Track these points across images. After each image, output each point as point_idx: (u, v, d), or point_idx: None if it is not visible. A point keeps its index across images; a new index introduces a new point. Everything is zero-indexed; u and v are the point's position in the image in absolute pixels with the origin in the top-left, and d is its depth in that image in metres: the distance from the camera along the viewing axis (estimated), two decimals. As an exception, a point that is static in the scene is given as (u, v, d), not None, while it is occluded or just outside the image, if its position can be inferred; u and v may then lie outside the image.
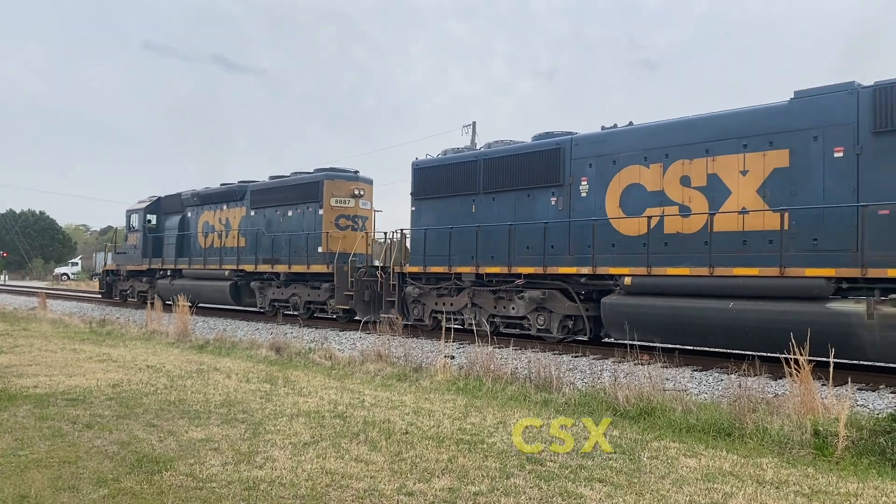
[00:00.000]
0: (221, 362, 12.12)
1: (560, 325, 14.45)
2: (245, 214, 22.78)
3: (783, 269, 10.95)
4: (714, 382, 10.56)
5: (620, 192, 13.45)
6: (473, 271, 15.64)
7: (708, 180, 12.25)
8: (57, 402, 8.23)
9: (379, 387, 9.96)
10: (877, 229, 10.23)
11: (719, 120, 12.32)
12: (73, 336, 16.26)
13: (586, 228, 13.68)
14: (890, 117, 10.31)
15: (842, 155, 10.80)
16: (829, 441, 6.45)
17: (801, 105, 11.30)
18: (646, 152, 13.11)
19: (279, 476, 5.49)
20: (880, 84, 10.53)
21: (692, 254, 12.15)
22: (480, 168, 16.02)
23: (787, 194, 11.33)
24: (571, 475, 5.68)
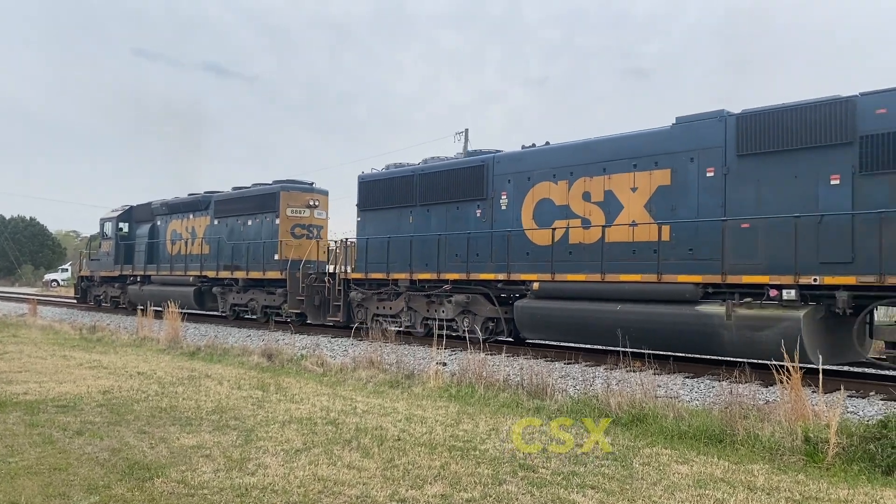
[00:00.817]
0: (213, 369, 12.08)
1: (483, 327, 15.49)
2: (209, 223, 23.97)
3: (660, 275, 12.29)
4: (705, 389, 10.60)
5: (534, 205, 14.79)
6: (408, 277, 16.84)
7: (605, 196, 13.61)
8: (47, 409, 8.19)
9: (371, 393, 9.95)
10: (738, 241, 11.56)
11: (614, 142, 13.67)
12: (64, 342, 16.18)
13: (505, 238, 15.03)
14: (750, 142, 11.66)
15: (713, 174, 12.11)
16: (819, 447, 6.48)
17: (681, 130, 12.63)
18: (554, 170, 14.47)
19: (271, 483, 5.48)
20: (745, 112, 11.85)
21: (591, 262, 13.46)
22: (416, 182, 17.30)
23: (668, 209, 12.63)
24: (564, 482, 5.69)
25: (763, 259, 11.32)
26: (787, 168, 11.30)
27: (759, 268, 11.28)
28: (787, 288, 10.84)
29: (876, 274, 10.08)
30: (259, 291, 21.76)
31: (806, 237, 10.76)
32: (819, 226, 10.75)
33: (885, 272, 10.02)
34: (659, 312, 12.14)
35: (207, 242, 23.69)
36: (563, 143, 14.86)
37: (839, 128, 10.79)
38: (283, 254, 20.68)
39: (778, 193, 11.34)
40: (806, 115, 11.14)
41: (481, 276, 15.32)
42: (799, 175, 11.15)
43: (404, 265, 16.98)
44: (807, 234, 10.77)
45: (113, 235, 28.12)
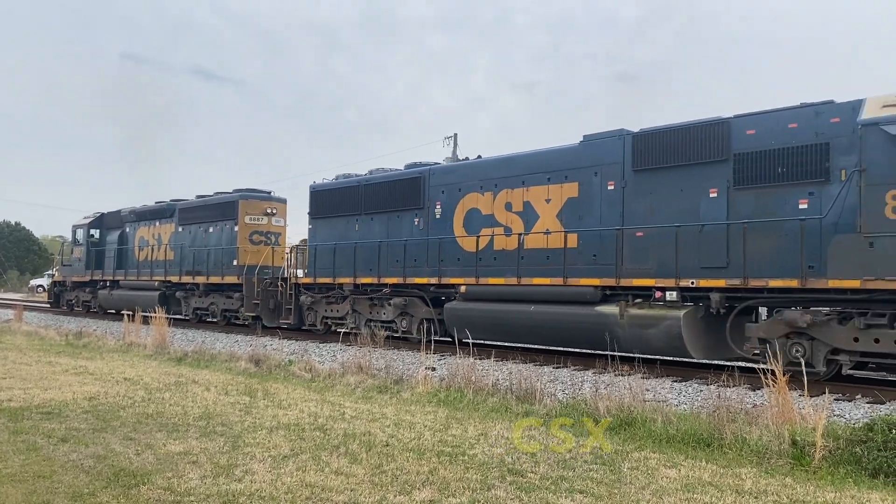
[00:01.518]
0: (200, 374, 12.00)
1: (419, 327, 16.74)
2: (174, 230, 25.04)
3: (566, 279, 13.57)
4: (693, 393, 10.64)
5: (464, 215, 16.02)
6: (352, 282, 18.04)
7: (524, 206, 14.82)
8: (32, 416, 8.10)
9: (359, 399, 9.91)
10: (633, 248, 12.80)
11: (532, 157, 14.96)
12: (49, 348, 16.04)
13: (440, 245, 16.24)
14: (644, 158, 12.89)
15: (613, 188, 13.36)
16: (806, 451, 6.51)
17: (587, 147, 13.89)
18: (482, 182, 15.72)
19: (258, 489, 5.44)
20: (640, 132, 13.14)
21: (511, 267, 14.63)
22: (362, 192, 18.45)
23: (576, 219, 13.85)
24: (552, 486, 5.68)
25: (653, 264, 12.44)
26: (674, 182, 12.49)
27: (649, 272, 12.47)
28: (670, 290, 12.09)
29: (741, 277, 11.25)
30: (219, 296, 22.72)
31: (688, 245, 11.94)
32: (700, 234, 11.88)
33: (748, 276, 11.17)
34: (565, 312, 13.43)
35: (172, 248, 24.71)
36: (490, 157, 16.26)
37: (717, 146, 11.93)
38: (241, 259, 21.67)
39: (667, 205, 12.51)
40: (690, 135, 12.32)
41: (416, 280, 16.49)
42: (684, 188, 12.33)
43: (349, 270, 18.10)
44: (689, 242, 11.95)
45: (84, 242, 29.25)
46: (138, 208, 27.56)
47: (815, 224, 10.68)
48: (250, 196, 22.89)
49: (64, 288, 31.47)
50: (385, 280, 17.14)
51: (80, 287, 29.92)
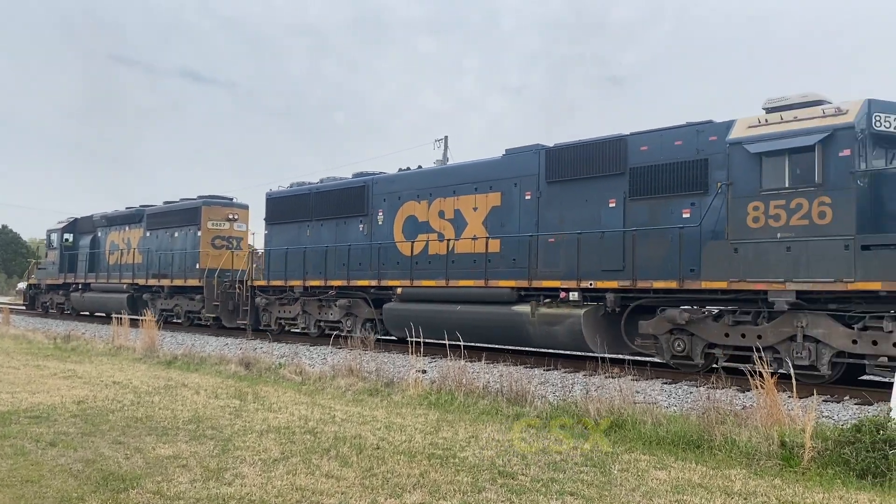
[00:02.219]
0: (190, 378, 11.95)
1: (362, 327, 17.78)
2: (142, 235, 26.21)
3: (487, 281, 14.87)
4: (683, 395, 10.68)
5: (403, 221, 17.15)
6: (302, 284, 19.12)
7: (454, 214, 16.04)
8: (19, 420, 8.04)
9: (350, 402, 9.90)
10: (546, 253, 14.04)
11: (462, 169, 16.42)
12: (37, 352, 15.93)
13: (380, 250, 17.40)
14: (555, 171, 14.12)
15: (530, 198, 14.57)
16: (795, 452, 6.54)
17: (509, 160, 15.15)
18: (418, 191, 16.90)
19: (249, 493, 5.43)
20: (553, 146, 14.40)
21: (443, 270, 15.74)
22: (312, 200, 19.61)
23: (499, 226, 15.10)
24: (543, 489, 5.69)
25: (562, 268, 13.70)
26: (580, 193, 13.73)
27: (558, 275, 13.71)
28: (573, 291, 13.35)
29: (630, 279, 12.51)
30: (182, 298, 23.92)
31: (590, 250, 13.22)
32: (601, 241, 13.16)
33: (637, 278, 12.46)
34: (486, 311, 14.70)
35: (140, 252, 25.88)
36: (426, 168, 17.90)
37: (616, 161, 13.15)
38: (203, 263, 22.80)
39: (574, 214, 13.77)
40: (593, 150, 13.55)
41: (359, 283, 17.77)
42: (588, 199, 13.58)
43: (299, 273, 19.24)
44: (591, 248, 13.23)
45: (58, 246, 30.48)
46: (109, 213, 28.70)
47: (694, 231, 11.87)
48: (213, 202, 24.18)
49: (39, 290, 32.55)
50: (331, 283, 18.35)
51: (55, 290, 31.02)
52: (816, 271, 10.49)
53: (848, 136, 10.45)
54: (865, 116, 10.59)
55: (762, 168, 11.11)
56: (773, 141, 11.02)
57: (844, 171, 10.42)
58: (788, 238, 10.75)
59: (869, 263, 10.05)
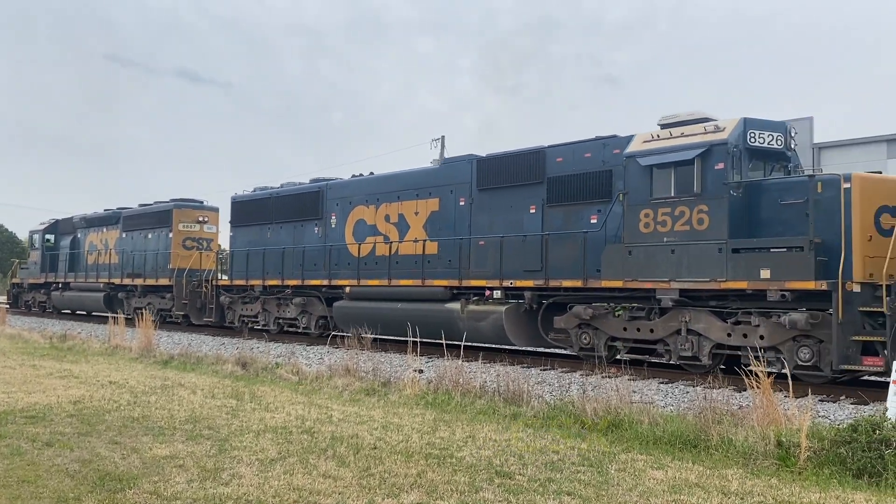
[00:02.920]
0: (186, 378, 11.93)
1: (316, 324, 19.02)
2: (119, 236, 27.28)
3: (424, 280, 15.90)
4: (680, 395, 10.69)
5: (353, 225, 18.22)
6: (261, 283, 20.22)
7: (398, 218, 17.10)
8: (16, 420, 8.02)
9: (347, 402, 9.89)
10: (476, 254, 15.11)
11: (405, 176, 17.43)
12: (33, 352, 15.90)
13: (332, 251, 18.42)
14: (485, 180, 15.35)
15: (464, 203, 15.75)
16: (791, 452, 6.56)
17: (446, 169, 16.58)
18: (367, 196, 18.00)
19: (246, 493, 5.42)
20: (485, 157, 15.71)
21: (387, 270, 16.85)
22: (273, 204, 20.67)
23: (437, 229, 16.17)
24: (540, 488, 5.70)
25: (489, 268, 14.74)
26: (506, 200, 14.89)
27: (486, 275, 14.78)
28: (497, 290, 14.56)
29: (544, 279, 13.69)
30: (155, 296, 24.89)
31: (513, 252, 14.33)
32: (523, 243, 14.21)
33: (549, 277, 13.66)
34: (423, 308, 15.80)
35: (116, 253, 26.95)
36: (375, 175, 18.70)
37: (535, 171, 14.34)
38: (174, 263, 23.88)
39: (501, 219, 14.93)
40: (517, 161, 14.79)
41: (313, 283, 18.79)
42: (513, 205, 14.74)
43: (259, 273, 20.32)
44: (514, 250, 14.33)
45: (40, 246, 31.66)
46: (89, 215, 29.85)
47: (599, 236, 13.08)
48: (184, 205, 25.37)
49: (22, 289, 33.69)
50: (288, 282, 19.43)
51: (37, 289, 32.11)
52: (695, 272, 11.62)
53: (722, 151, 11.53)
54: (740, 133, 11.68)
55: (652, 179, 12.21)
56: (661, 155, 12.14)
57: (719, 182, 11.50)
58: (673, 242, 11.91)
59: (738, 265, 11.15)
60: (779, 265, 10.78)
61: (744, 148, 11.72)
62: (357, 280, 17.46)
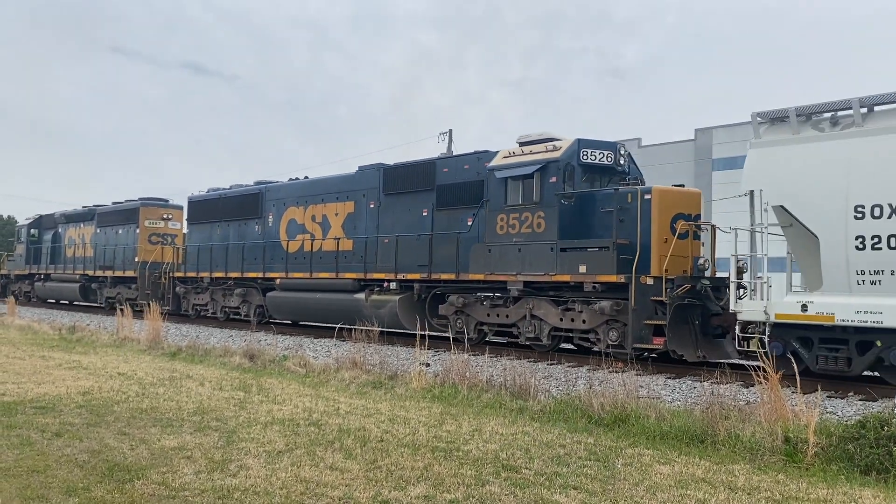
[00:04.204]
0: (194, 370, 11.99)
1: (255, 312, 21.07)
2: (94, 231, 29.69)
3: (338, 273, 18.14)
4: (687, 390, 10.68)
5: (286, 223, 20.33)
6: (209, 275, 22.49)
7: (322, 218, 19.27)
8: (25, 410, 8.08)
9: (354, 394, 9.92)
10: (381, 251, 17.27)
11: (329, 180, 19.81)
12: (43, 343, 16.00)
13: (267, 247, 20.63)
14: (389, 186, 17.54)
15: (373, 206, 17.86)
16: (799, 447, 6.54)
17: (360, 175, 18.60)
18: (298, 198, 20.20)
19: (253, 484, 5.45)
20: (390, 165, 18.08)
21: (309, 264, 19.03)
22: (221, 203, 22.91)
23: (352, 229, 18.37)
24: (546, 482, 5.70)
25: (390, 263, 16.87)
26: (405, 204, 17.05)
27: (387, 269, 16.96)
28: (393, 282, 16.79)
29: (428, 272, 15.91)
30: (123, 287, 27.32)
31: (408, 249, 16.51)
32: (416, 241, 16.39)
33: (432, 271, 15.88)
34: (336, 298, 18.08)
35: (91, 247, 29.39)
36: (307, 179, 21.01)
37: (428, 179, 16.48)
38: (140, 257, 26.28)
39: (401, 220, 17.08)
40: (414, 170, 17.08)
41: (251, 275, 20.99)
42: (410, 209, 16.88)
43: (207, 266, 22.58)
44: (409, 248, 16.51)
45: (25, 240, 34.42)
46: (68, 211, 32.63)
47: (470, 236, 15.29)
48: (150, 204, 28.00)
49: (9, 280, 36.21)
50: (231, 274, 21.73)
51: (22, 279, 34.83)
52: (535, 267, 13.83)
53: (556, 167, 13.70)
54: (574, 152, 13.81)
55: (506, 189, 14.43)
56: (512, 169, 14.41)
57: (552, 193, 13.67)
58: (519, 242, 14.12)
59: (564, 261, 13.38)
60: (592, 262, 12.98)
61: (577, 164, 13.83)
62: (286, 273, 19.68)
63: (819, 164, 10.36)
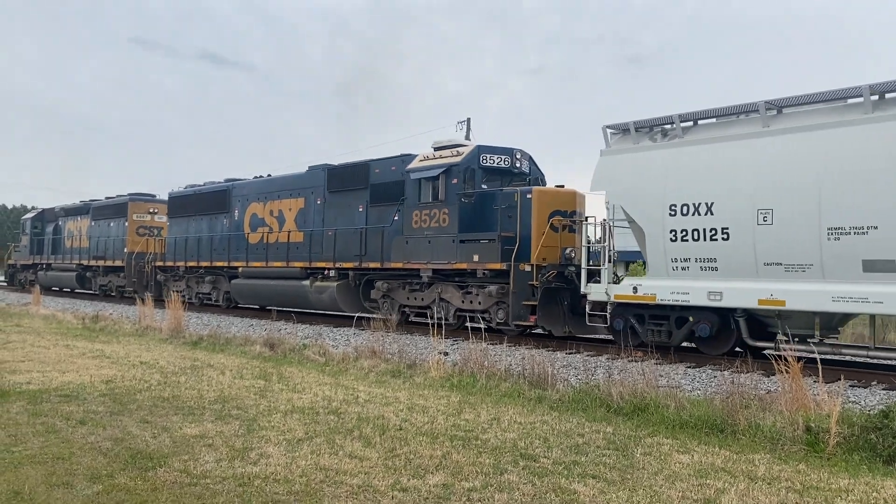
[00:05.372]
0: (215, 358, 12.10)
1: (223, 297, 23.41)
2: (89, 224, 32.06)
3: (288, 262, 20.28)
4: (707, 379, 10.61)
5: (249, 217, 22.54)
6: (184, 265, 24.94)
7: (279, 213, 21.32)
8: (50, 399, 8.21)
9: (373, 383, 9.97)
10: (325, 243, 19.24)
11: (284, 179, 22.00)
12: (66, 332, 16.22)
13: (232, 239, 22.90)
14: (332, 184, 19.52)
15: (320, 203, 19.85)
16: (820, 437, 6.49)
17: (309, 174, 20.59)
18: (259, 195, 22.36)
19: (273, 472, 5.50)
20: (336, 166, 20.06)
21: (265, 254, 21.22)
22: (196, 199, 25.16)
23: (303, 222, 20.37)
24: (565, 471, 5.70)
25: (331, 253, 18.87)
26: (344, 201, 19.08)
27: (328, 258, 18.96)
28: (332, 269, 18.86)
29: (359, 261, 18.02)
30: (114, 275, 29.88)
31: (346, 241, 18.55)
32: (353, 234, 18.35)
33: (363, 261, 17.95)
34: (287, 284, 20.22)
35: (87, 238, 31.86)
36: (268, 177, 23.16)
37: (363, 179, 18.52)
38: (129, 248, 28.51)
39: (342, 215, 19.09)
40: (352, 171, 19.03)
41: (218, 264, 23.28)
42: (349, 205, 18.89)
43: (183, 256, 25.02)
44: (346, 239, 18.56)
45: (29, 232, 37.25)
46: (68, 206, 35.26)
47: (393, 229, 17.24)
48: (137, 199, 30.25)
49: (16, 269, 39.30)
50: (202, 264, 24.01)
51: (27, 269, 37.64)
52: (441, 256, 15.94)
53: (457, 170, 15.81)
54: (474, 157, 15.94)
55: (420, 189, 16.54)
56: (424, 171, 16.46)
57: (454, 192, 15.80)
58: (429, 235, 16.18)
59: (462, 252, 15.50)
60: (483, 252, 15.07)
61: (477, 167, 15.95)
62: (247, 262, 21.91)
63: (646, 170, 12.37)
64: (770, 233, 10.87)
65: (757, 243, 11.00)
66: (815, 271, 10.48)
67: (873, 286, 9.91)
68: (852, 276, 10.15)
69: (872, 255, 9.97)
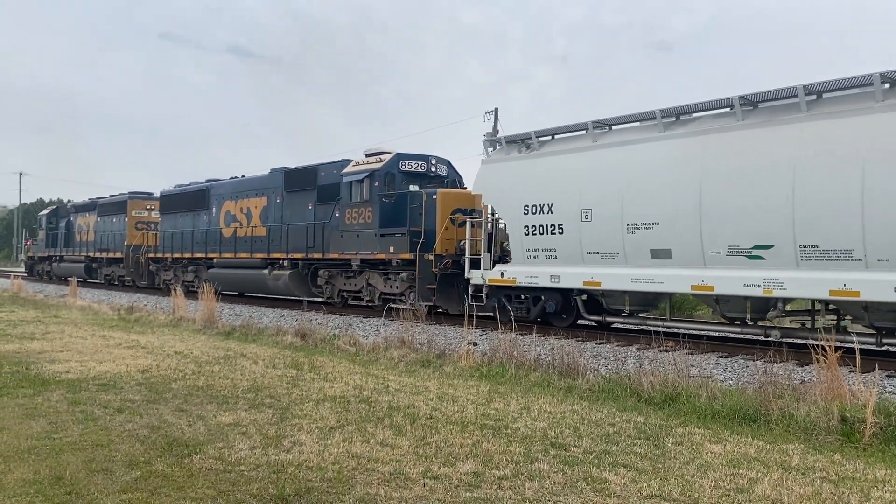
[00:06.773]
0: (248, 348, 12.27)
1: (203, 285, 24.11)
2: (96, 219, 35.38)
3: (252, 254, 23.18)
4: (739, 369, 10.51)
5: (224, 214, 25.25)
6: (171, 256, 28.22)
7: (247, 210, 23.98)
8: (88, 388, 8.40)
9: (403, 373, 10.03)
10: (284, 236, 21.70)
11: (251, 180, 24.78)
12: (103, 323, 16.54)
13: (210, 234, 25.72)
14: (290, 185, 22.00)
15: (279, 201, 22.37)
16: (856, 427, 6.40)
17: (271, 175, 23.19)
18: (232, 193, 25.10)
19: (306, 459, 5.58)
20: (292, 168, 22.46)
21: (234, 246, 24.16)
22: (182, 197, 28.09)
23: (266, 218, 22.96)
24: (595, 460, 5.70)
25: (285, 245, 21.45)
26: (298, 199, 21.56)
27: (282, 250, 21.54)
28: (285, 260, 21.44)
29: (306, 252, 20.56)
30: (116, 266, 33.37)
31: (297, 235, 21.02)
32: (303, 229, 20.83)
33: (309, 252, 20.50)
34: (251, 273, 23.20)
35: (94, 232, 35.26)
36: (241, 178, 25.74)
37: (312, 181, 21.00)
38: (128, 241, 31.63)
39: (296, 212, 21.52)
40: (304, 174, 21.53)
41: (198, 255, 26.21)
42: (301, 203, 21.31)
43: (170, 249, 28.19)
44: (298, 234, 21.02)
45: (44, 227, 41.06)
46: (78, 203, 39.35)
47: (332, 224, 19.77)
48: (135, 197, 33.25)
49: (34, 261, 43.58)
50: (185, 255, 27.06)
51: (43, 261, 41.61)
52: (366, 248, 18.45)
53: (378, 174, 18.32)
54: (393, 162, 18.42)
55: (351, 190, 19.07)
56: (353, 175, 19.01)
57: (375, 194, 18.34)
58: (358, 230, 18.71)
59: (382, 244, 17.95)
60: (397, 244, 17.54)
61: (397, 171, 18.46)
62: (220, 254, 24.77)
63: (511, 177, 15.03)
64: (590, 228, 13.40)
65: (582, 237, 13.56)
66: (621, 258, 12.98)
67: (656, 269, 12.45)
68: (644, 262, 12.63)
69: (657, 245, 12.39)
